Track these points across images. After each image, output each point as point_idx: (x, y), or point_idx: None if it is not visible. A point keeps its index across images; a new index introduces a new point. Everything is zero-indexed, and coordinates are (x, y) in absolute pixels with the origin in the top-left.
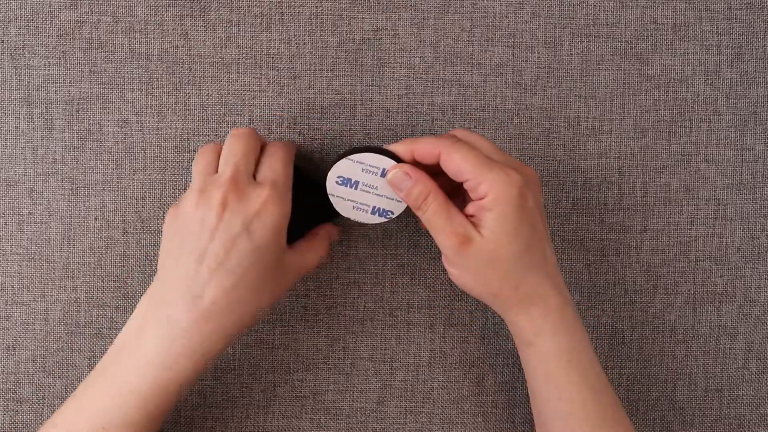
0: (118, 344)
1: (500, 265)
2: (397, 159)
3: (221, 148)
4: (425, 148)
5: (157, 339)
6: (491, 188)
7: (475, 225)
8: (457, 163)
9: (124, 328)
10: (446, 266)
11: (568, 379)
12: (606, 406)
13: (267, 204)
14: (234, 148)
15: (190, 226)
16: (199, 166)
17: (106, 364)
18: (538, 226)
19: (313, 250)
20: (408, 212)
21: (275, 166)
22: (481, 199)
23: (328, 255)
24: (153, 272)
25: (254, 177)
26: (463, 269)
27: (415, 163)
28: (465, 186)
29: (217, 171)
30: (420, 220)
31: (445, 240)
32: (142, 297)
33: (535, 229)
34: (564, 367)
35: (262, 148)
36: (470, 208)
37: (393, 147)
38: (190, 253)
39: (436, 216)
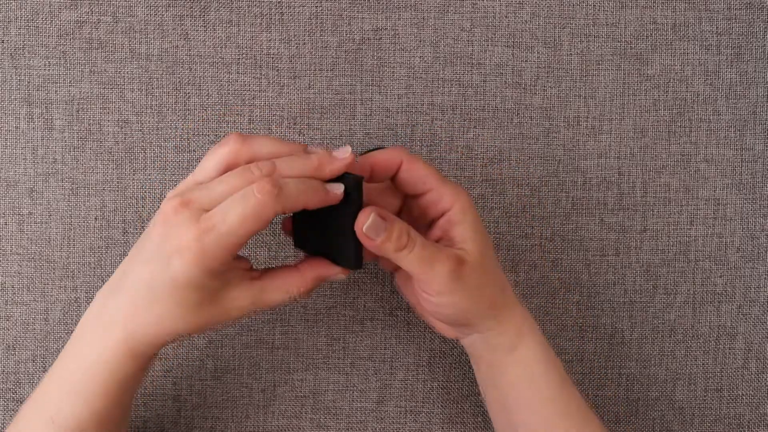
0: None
1: (489, 274)
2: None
3: (244, 150)
4: (385, 157)
5: (89, 324)
6: (456, 199)
7: (447, 241)
8: (422, 173)
9: None
10: (435, 299)
11: (548, 377)
12: (577, 399)
13: (185, 251)
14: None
15: (148, 227)
16: (205, 162)
17: (59, 357)
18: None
19: (279, 288)
20: None
21: (230, 216)
22: (443, 213)
23: (304, 295)
24: None
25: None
26: (459, 292)
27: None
28: (422, 199)
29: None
30: (389, 270)
31: (442, 268)
32: None
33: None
34: (544, 366)
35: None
36: (437, 231)
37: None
38: (131, 253)
39: (425, 248)
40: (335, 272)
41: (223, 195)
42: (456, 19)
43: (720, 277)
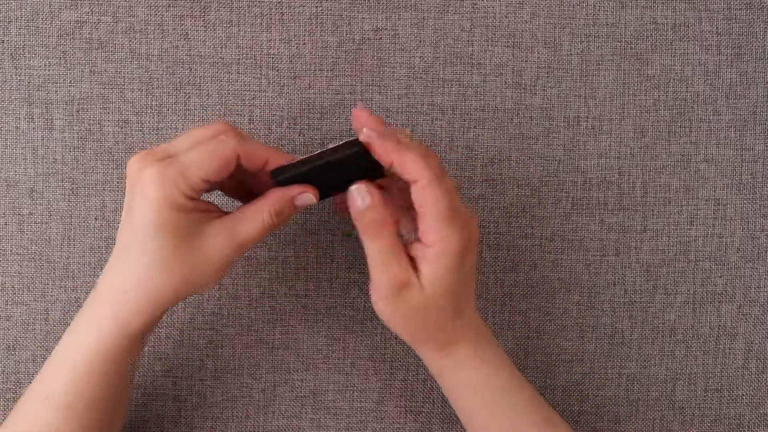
0: None
1: (427, 315)
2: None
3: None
4: (408, 171)
5: (84, 311)
6: (440, 243)
7: (412, 267)
8: (426, 203)
9: None
10: (374, 297)
11: (483, 403)
12: (528, 423)
13: (147, 186)
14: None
15: None
16: (182, 136)
17: (60, 340)
18: (468, 282)
19: (251, 216)
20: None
21: (193, 151)
22: (426, 246)
23: (275, 218)
24: None
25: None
26: (392, 308)
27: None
28: (417, 220)
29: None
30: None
31: (384, 279)
32: None
33: (466, 285)
34: (472, 394)
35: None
36: (411, 250)
37: (376, 143)
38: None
39: (383, 252)
40: (301, 191)
41: (190, 146)
42: (456, 19)
43: (720, 277)
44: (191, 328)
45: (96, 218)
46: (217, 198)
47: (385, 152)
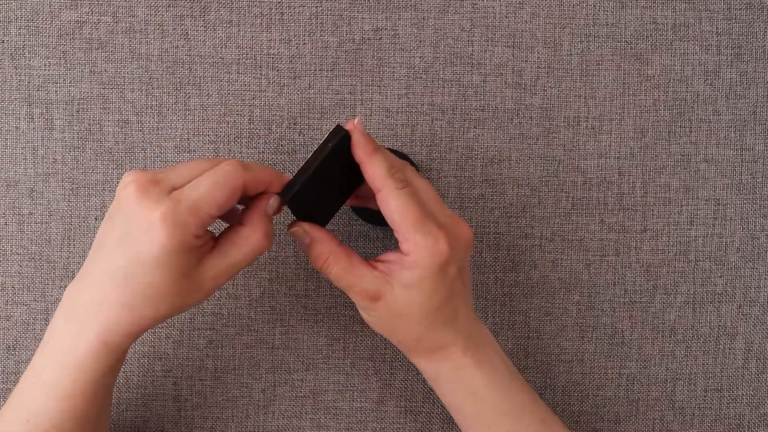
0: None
1: (406, 321)
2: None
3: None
4: (371, 177)
5: (60, 319)
6: (415, 252)
7: (389, 272)
8: (391, 212)
9: None
10: (359, 309)
11: (483, 404)
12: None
13: (159, 224)
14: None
15: (109, 212)
16: (181, 165)
17: (34, 356)
18: (455, 288)
19: (240, 243)
20: None
21: (201, 185)
22: (403, 253)
23: (267, 240)
24: None
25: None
26: (374, 317)
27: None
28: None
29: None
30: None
31: (355, 297)
32: None
33: (451, 292)
34: (465, 399)
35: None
36: (391, 256)
37: (357, 135)
38: (98, 235)
39: (340, 279)
40: (267, 199)
41: (192, 176)
42: (456, 19)
43: (720, 277)
44: (191, 328)
45: (96, 218)
46: None
47: (359, 147)
